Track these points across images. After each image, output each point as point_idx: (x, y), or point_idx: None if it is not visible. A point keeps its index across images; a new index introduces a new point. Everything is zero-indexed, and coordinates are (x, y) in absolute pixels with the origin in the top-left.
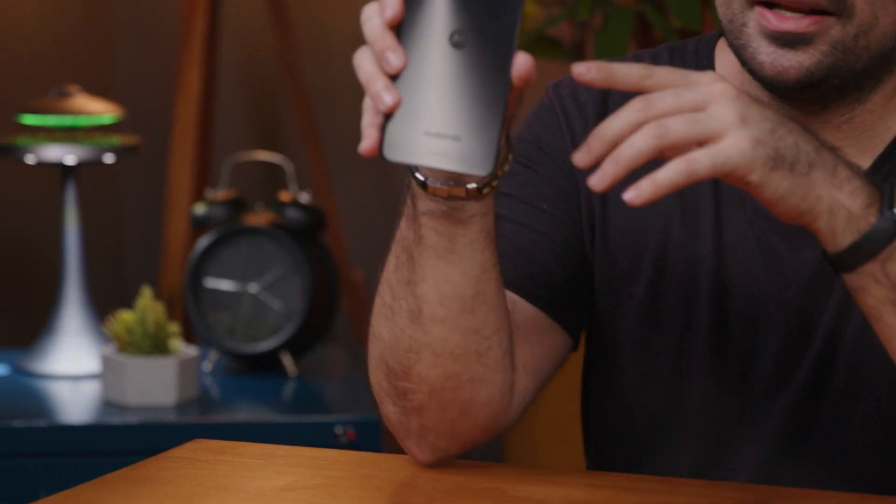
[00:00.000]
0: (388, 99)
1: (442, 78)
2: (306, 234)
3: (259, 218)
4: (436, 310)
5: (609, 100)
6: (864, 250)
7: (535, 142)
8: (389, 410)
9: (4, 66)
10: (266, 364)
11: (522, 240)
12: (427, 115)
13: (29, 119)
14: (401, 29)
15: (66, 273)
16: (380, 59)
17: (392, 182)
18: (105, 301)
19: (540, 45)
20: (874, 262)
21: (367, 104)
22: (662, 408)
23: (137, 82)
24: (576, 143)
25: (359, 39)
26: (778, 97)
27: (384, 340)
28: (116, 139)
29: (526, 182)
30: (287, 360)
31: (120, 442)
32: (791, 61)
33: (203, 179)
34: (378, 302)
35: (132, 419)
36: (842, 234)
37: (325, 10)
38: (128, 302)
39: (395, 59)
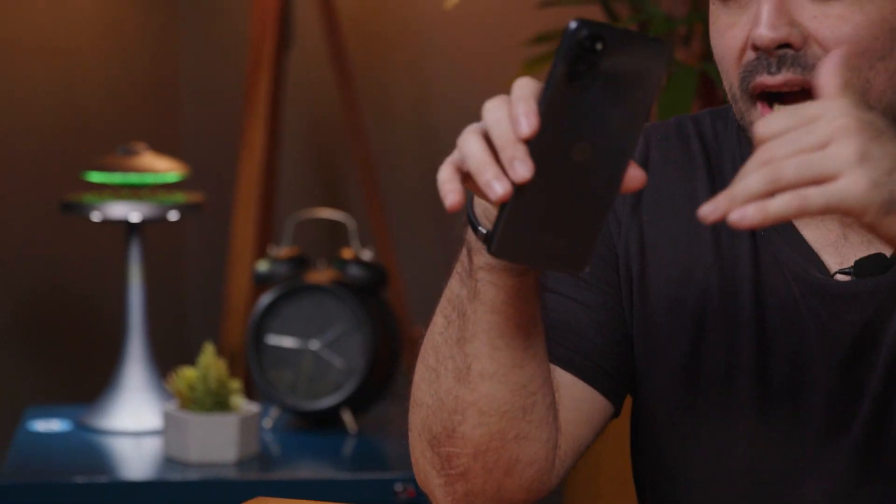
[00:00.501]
0: (500, 189)
1: (559, 186)
2: (368, 292)
3: (321, 275)
4: (486, 365)
5: (648, 162)
6: None
7: None
8: (434, 485)
9: (71, 124)
10: (326, 421)
11: (559, 307)
12: (539, 218)
13: (95, 176)
14: None
15: (129, 329)
16: (507, 164)
17: (453, 240)
18: (167, 357)
19: None
20: None
21: (452, 159)
22: (707, 471)
23: (202, 140)
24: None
25: (420, 99)
26: None
27: (427, 405)
28: (181, 197)
29: None
30: (347, 417)
31: (181, 498)
32: None
33: (266, 236)
34: (420, 367)
35: (193, 476)
36: None
37: (387, 72)
38: (190, 358)
39: (523, 170)
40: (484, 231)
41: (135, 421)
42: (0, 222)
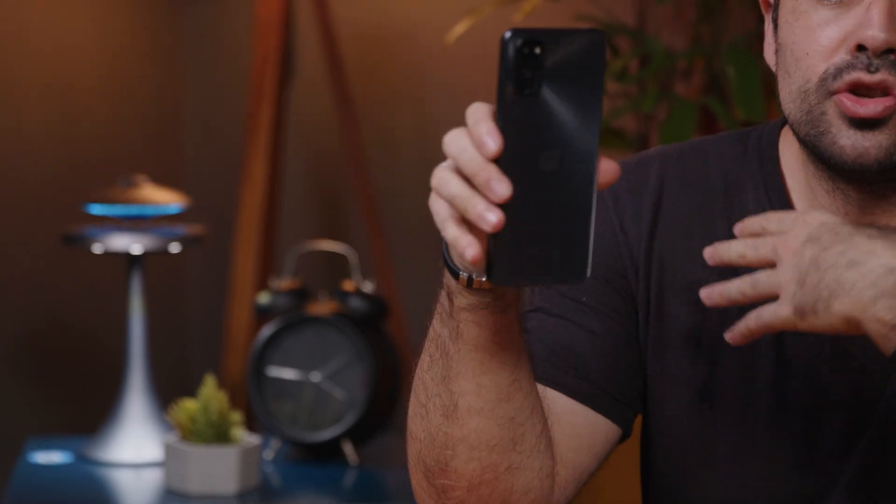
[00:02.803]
0: (493, 218)
1: (537, 198)
2: (369, 324)
3: (322, 307)
4: (472, 402)
5: (665, 183)
6: None
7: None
8: None
9: (73, 156)
10: (327, 453)
11: (561, 332)
12: (527, 235)
13: (96, 208)
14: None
15: (130, 361)
16: (484, 188)
17: None
18: (168, 389)
19: (604, 137)
20: None
21: (445, 214)
22: (722, 494)
23: (203, 172)
24: (624, 228)
25: (421, 132)
26: (852, 183)
27: (420, 440)
28: (182, 229)
29: None
30: (348, 449)
31: None
32: (871, 142)
33: (267, 268)
34: (413, 402)
35: None
36: (885, 345)
37: (389, 104)
38: (191, 390)
39: (502, 188)
40: (465, 275)
41: (135, 452)
42: (2, 254)
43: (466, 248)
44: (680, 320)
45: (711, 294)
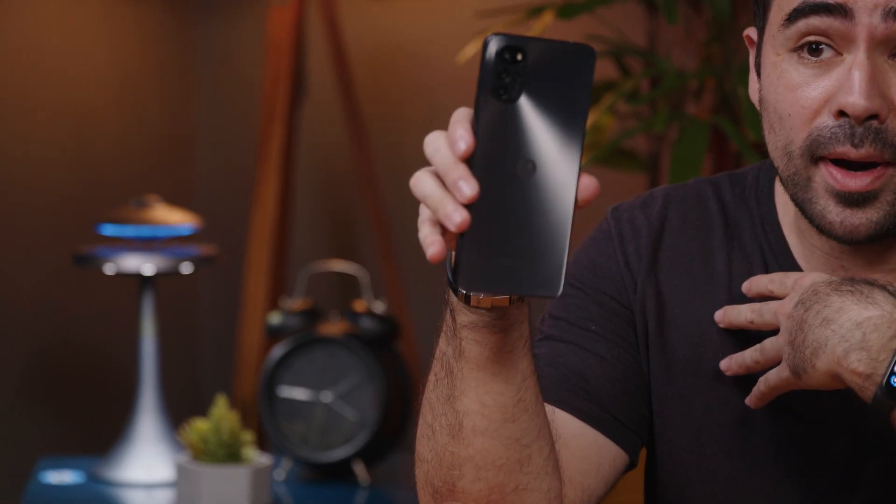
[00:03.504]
0: (457, 218)
1: (510, 206)
2: (380, 344)
3: (334, 327)
4: (477, 422)
5: (666, 223)
6: (883, 409)
7: (588, 265)
8: None
9: (85, 177)
10: (338, 473)
11: (571, 358)
12: (497, 242)
13: (108, 229)
14: (469, 158)
15: (141, 381)
16: (452, 188)
17: None
18: (180, 409)
19: (616, 158)
20: None
21: (424, 216)
22: None
23: (215, 193)
24: (628, 264)
25: None
26: (842, 245)
27: (427, 461)
28: (194, 249)
29: (575, 304)
30: (360, 469)
31: None
32: (860, 219)
33: (279, 289)
34: (420, 423)
35: None
36: (863, 395)
37: (400, 125)
38: (202, 410)
39: (468, 188)
40: (463, 292)
41: (147, 473)
42: (14, 274)
43: (428, 247)
44: (680, 355)
45: (731, 366)
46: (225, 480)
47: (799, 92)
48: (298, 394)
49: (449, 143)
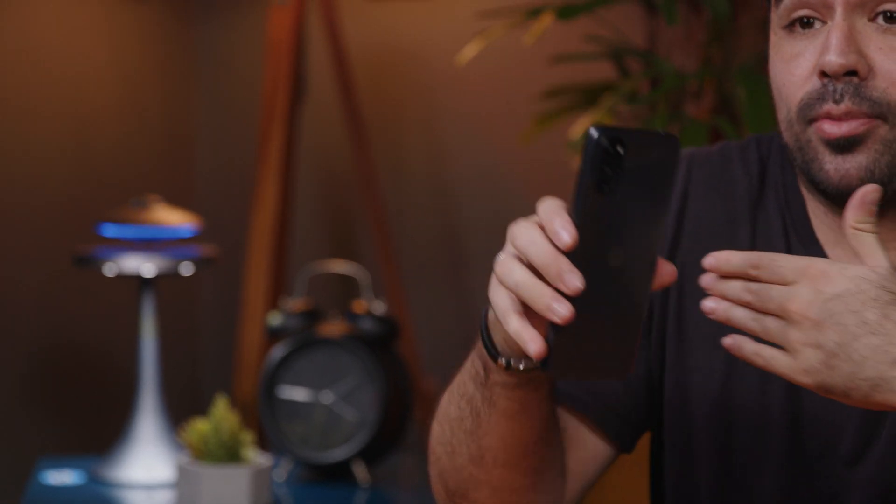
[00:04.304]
0: (564, 311)
1: (601, 296)
2: (380, 344)
3: (334, 328)
4: (499, 455)
5: (689, 189)
6: None
7: None
8: None
9: (85, 177)
10: (339, 473)
11: None
12: (587, 331)
13: (109, 229)
14: None
15: (142, 382)
16: (557, 280)
17: (464, 292)
18: (180, 409)
19: None
20: None
21: (509, 306)
22: (736, 499)
23: (215, 193)
24: None
25: (432, 155)
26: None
27: (444, 467)
28: (194, 250)
29: None
30: (360, 469)
31: None
32: (851, 163)
33: (278, 289)
34: (438, 433)
35: None
36: None
37: (400, 126)
38: (203, 410)
39: (576, 281)
40: (504, 361)
41: (147, 473)
42: (14, 275)
43: (530, 342)
44: (699, 330)
45: (733, 346)
46: (225, 481)
47: (792, 63)
48: (298, 394)
49: (550, 233)
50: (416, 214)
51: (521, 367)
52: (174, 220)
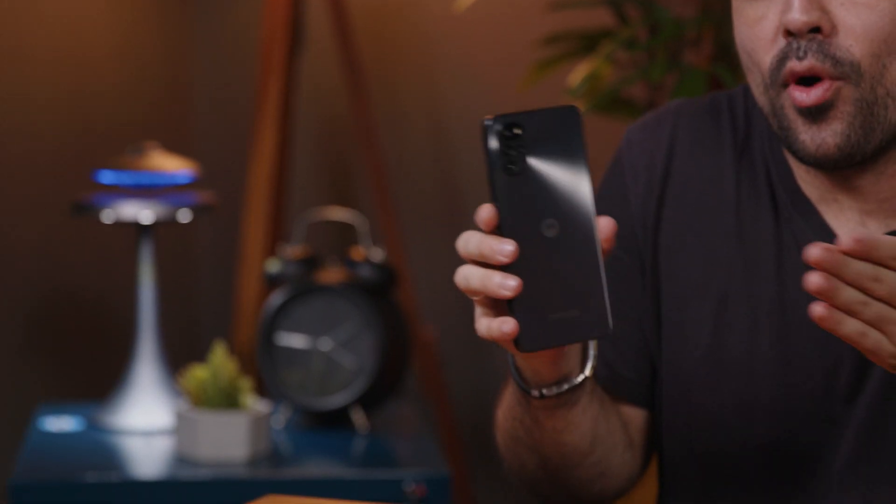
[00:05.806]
0: (511, 283)
1: (547, 265)
2: (378, 292)
3: (332, 275)
4: (559, 462)
5: (675, 145)
6: None
7: (606, 196)
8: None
9: (83, 125)
10: (337, 420)
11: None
12: (544, 301)
13: (106, 176)
14: (498, 234)
15: (140, 329)
16: (492, 256)
17: None
18: (178, 356)
19: (613, 106)
20: None
21: (476, 314)
22: (729, 447)
23: (213, 141)
24: (636, 190)
25: (431, 102)
26: (824, 173)
27: (513, 465)
28: (192, 197)
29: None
30: (358, 416)
31: (192, 497)
32: (826, 131)
33: (277, 236)
34: (503, 445)
35: (204, 474)
36: None
37: (399, 73)
38: (201, 357)
39: (505, 246)
40: (536, 393)
41: (146, 419)
42: (11, 223)
43: (501, 325)
44: (690, 280)
45: (824, 315)
46: (223, 427)
47: (756, 26)
48: (297, 341)
49: (476, 223)
50: (415, 162)
51: (554, 392)
52: (172, 166)
